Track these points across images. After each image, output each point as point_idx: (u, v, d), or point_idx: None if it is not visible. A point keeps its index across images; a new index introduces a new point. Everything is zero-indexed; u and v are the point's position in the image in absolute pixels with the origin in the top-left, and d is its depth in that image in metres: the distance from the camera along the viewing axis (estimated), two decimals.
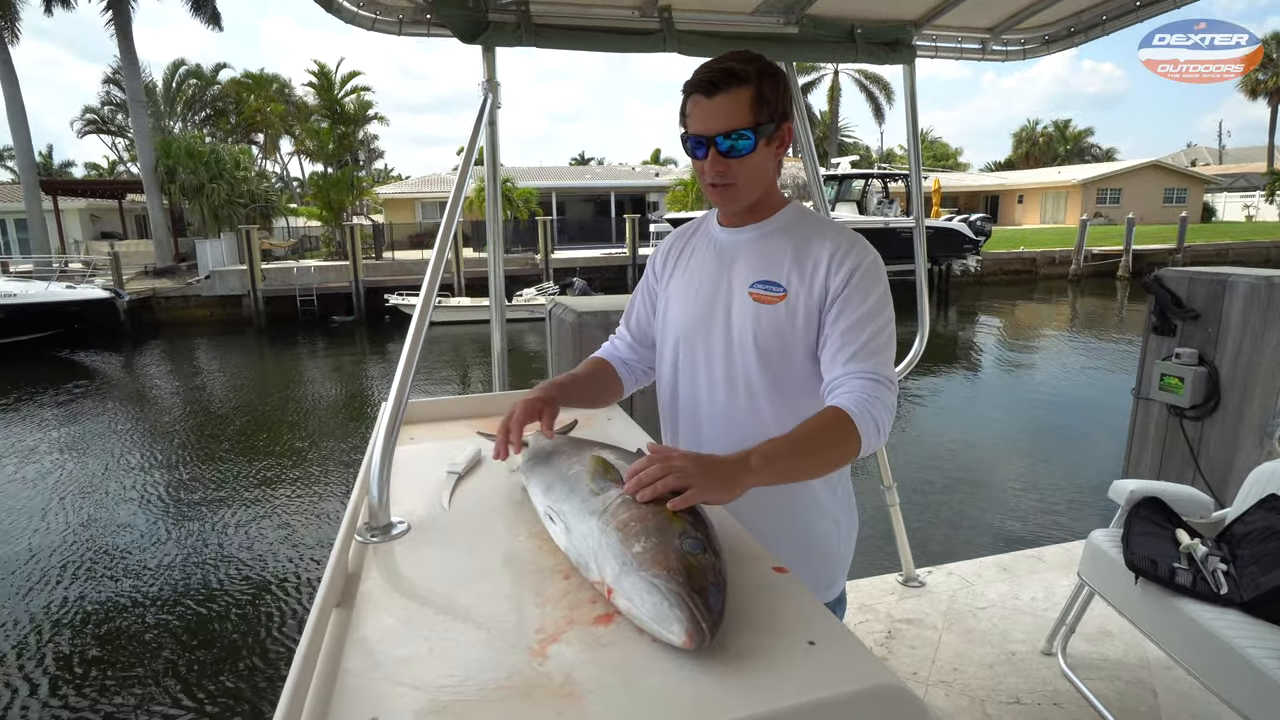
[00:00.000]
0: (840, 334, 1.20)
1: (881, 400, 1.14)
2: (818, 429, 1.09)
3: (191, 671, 4.58)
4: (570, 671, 0.69)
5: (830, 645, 0.72)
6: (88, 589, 5.62)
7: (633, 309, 1.54)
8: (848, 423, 1.09)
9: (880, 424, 1.13)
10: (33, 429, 10.50)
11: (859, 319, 1.19)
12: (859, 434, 1.09)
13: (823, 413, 1.12)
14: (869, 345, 1.18)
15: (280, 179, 38.64)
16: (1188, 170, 42.21)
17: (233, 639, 4.95)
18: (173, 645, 4.88)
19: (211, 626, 5.09)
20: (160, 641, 4.93)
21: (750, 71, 1.16)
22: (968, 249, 22.17)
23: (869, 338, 1.18)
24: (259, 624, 5.15)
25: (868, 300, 1.20)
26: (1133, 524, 2.16)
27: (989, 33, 2.48)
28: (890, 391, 1.16)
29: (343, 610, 0.84)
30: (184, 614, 5.27)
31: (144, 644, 4.90)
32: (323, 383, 14.30)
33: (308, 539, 6.51)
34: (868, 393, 1.13)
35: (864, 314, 1.19)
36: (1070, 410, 10.53)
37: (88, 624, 5.15)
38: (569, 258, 23.34)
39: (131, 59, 23.46)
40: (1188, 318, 3.30)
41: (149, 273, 22.56)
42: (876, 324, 1.20)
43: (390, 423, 1.11)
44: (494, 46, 1.94)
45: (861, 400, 1.12)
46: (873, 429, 1.11)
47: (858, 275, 1.21)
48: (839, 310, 1.21)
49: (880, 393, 1.14)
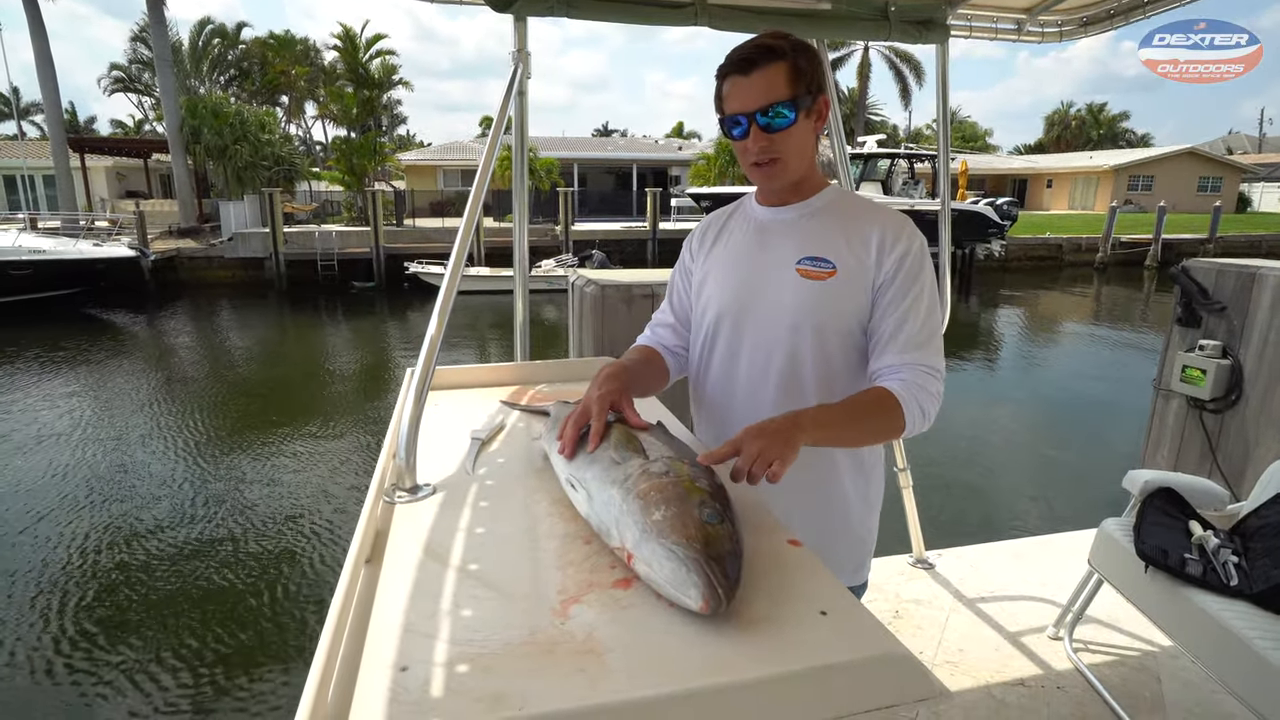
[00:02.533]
0: (891, 321, 1.22)
1: (928, 389, 1.17)
2: (867, 404, 1.14)
3: (220, 624, 4.72)
4: (591, 630, 0.72)
5: (841, 615, 0.75)
6: (110, 546, 5.78)
7: (673, 292, 1.52)
8: (894, 404, 1.13)
9: (925, 411, 1.17)
10: (62, 384, 10.73)
11: (910, 307, 1.21)
12: (904, 416, 1.13)
13: (872, 390, 1.16)
14: (919, 334, 1.21)
15: (304, 142, 38.70)
16: (1224, 158, 41.15)
17: (260, 594, 5.08)
18: (199, 600, 5.03)
19: (238, 581, 5.23)
20: (186, 596, 5.08)
21: (784, 45, 1.17)
22: (992, 233, 21.85)
23: (919, 326, 1.21)
24: (285, 578, 5.28)
25: (917, 286, 1.22)
26: (1145, 514, 2.16)
27: (1025, 13, 2.43)
28: (938, 381, 1.19)
29: (372, 567, 0.87)
30: (210, 569, 5.41)
31: (172, 597, 5.05)
32: (343, 347, 14.45)
33: (331, 497, 6.65)
34: (916, 380, 1.17)
35: (914, 301, 1.22)
36: (1088, 399, 10.44)
37: (111, 579, 5.30)
38: (589, 230, 23.24)
39: (159, 17, 23.44)
40: (1213, 310, 3.26)
41: (173, 233, 22.76)
42: (924, 310, 1.22)
43: (419, 388, 1.14)
44: (526, 16, 1.94)
45: (910, 386, 1.16)
46: (918, 414, 1.15)
47: (909, 261, 1.22)
48: (891, 297, 1.22)
49: (929, 382, 1.18)
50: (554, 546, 0.90)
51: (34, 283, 15.86)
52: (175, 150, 23.41)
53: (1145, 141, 53.83)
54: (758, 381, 1.32)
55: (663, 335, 1.51)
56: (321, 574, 5.31)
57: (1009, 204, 23.56)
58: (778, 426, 1.00)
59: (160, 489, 6.86)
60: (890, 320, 1.21)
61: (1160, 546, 2.01)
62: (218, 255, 20.31)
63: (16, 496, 6.63)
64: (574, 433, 1.06)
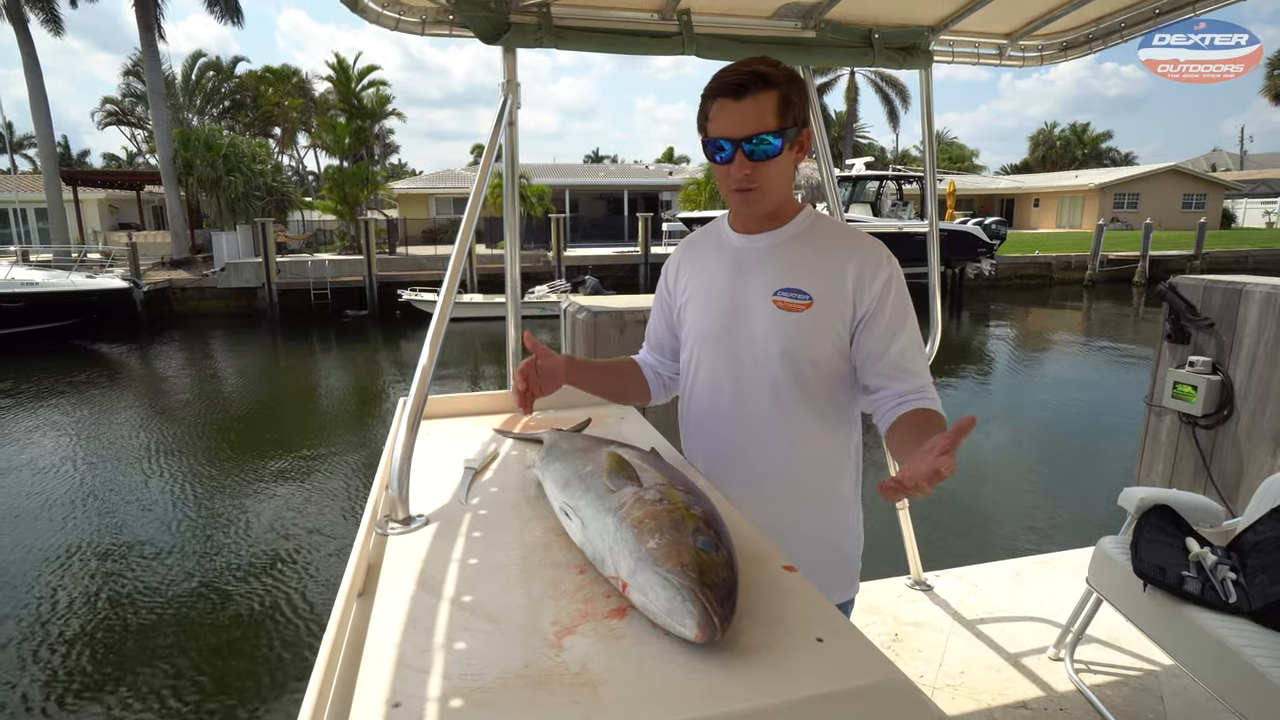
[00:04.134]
0: (892, 351, 1.25)
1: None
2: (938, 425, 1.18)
3: (212, 658, 4.65)
4: (586, 662, 0.71)
5: (838, 642, 0.75)
6: (105, 577, 5.70)
7: (652, 329, 1.55)
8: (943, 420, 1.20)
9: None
10: (54, 416, 10.65)
11: (908, 336, 1.26)
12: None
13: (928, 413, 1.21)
14: (918, 360, 1.26)
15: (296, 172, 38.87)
16: (1208, 175, 41.77)
17: (251, 627, 5.01)
18: (191, 633, 4.95)
19: (229, 615, 5.16)
20: (178, 629, 5.00)
21: (778, 75, 1.18)
22: (982, 252, 22.03)
23: (918, 354, 1.27)
24: (276, 612, 5.21)
25: (906, 313, 1.26)
26: (1142, 531, 2.16)
27: (1007, 38, 2.48)
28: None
29: (365, 600, 0.86)
30: (202, 602, 5.34)
31: (163, 631, 4.98)
32: (336, 376, 14.41)
33: (322, 529, 6.58)
34: (937, 399, 1.24)
35: (910, 329, 1.26)
36: (1081, 417, 10.47)
37: (106, 612, 5.22)
38: (581, 255, 23.35)
39: (153, 51, 23.65)
40: (1202, 326, 3.29)
41: (165, 264, 22.77)
42: (916, 336, 1.28)
43: (411, 418, 1.14)
44: (515, 47, 1.97)
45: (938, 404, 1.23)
46: None
47: (893, 288, 1.25)
48: (886, 327, 1.25)
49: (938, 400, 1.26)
50: (548, 576, 0.89)
51: (27, 315, 15.81)
52: (168, 182, 23.49)
53: (1129, 160, 54.59)
54: (743, 406, 1.34)
55: (648, 358, 1.57)
56: (313, 607, 5.24)
57: (997, 223, 23.79)
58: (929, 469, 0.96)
59: (150, 521, 6.78)
60: (894, 349, 1.24)
61: (1158, 564, 2.01)
62: (210, 285, 20.30)
63: (7, 526, 6.54)
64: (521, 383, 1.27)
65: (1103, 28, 2.36)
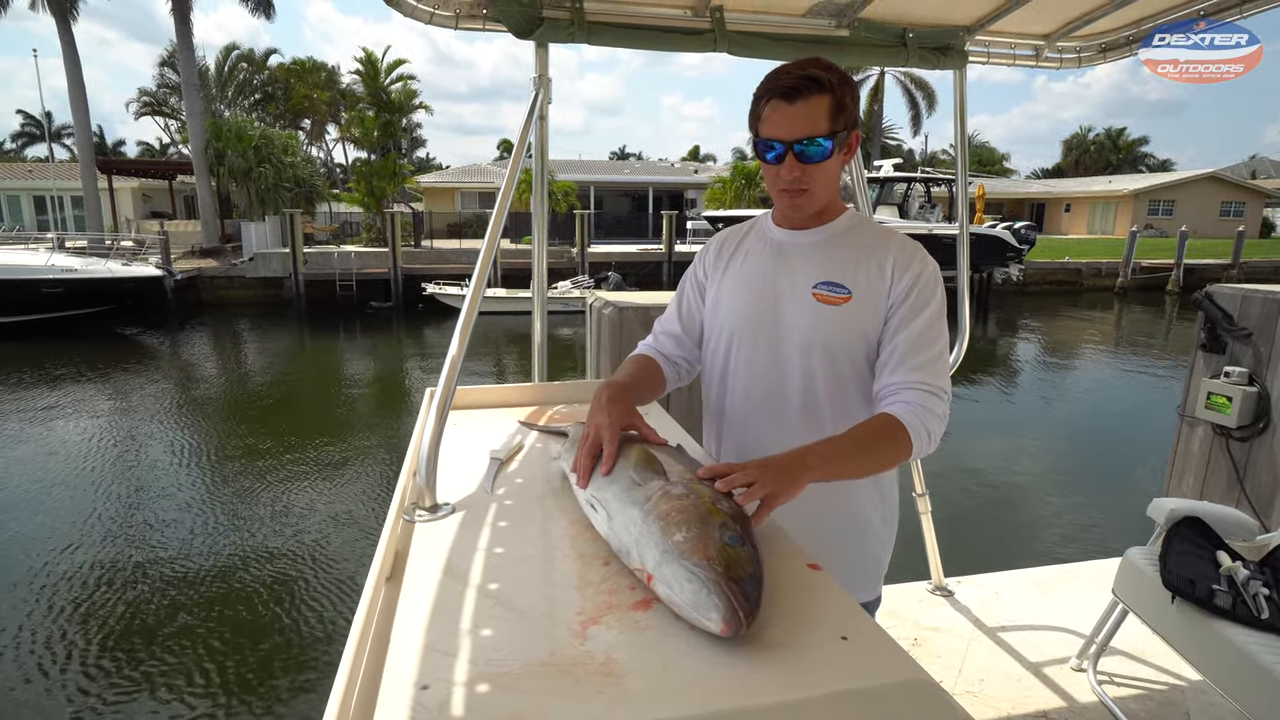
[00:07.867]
0: (898, 343, 1.23)
1: (933, 411, 1.17)
2: (871, 433, 1.13)
3: (243, 641, 4.73)
4: (610, 652, 0.71)
5: (862, 640, 0.74)
6: (135, 560, 5.83)
7: (681, 302, 1.52)
8: (901, 429, 1.13)
9: (931, 432, 1.16)
10: (92, 400, 10.90)
11: (918, 330, 1.22)
12: (910, 440, 1.13)
13: (877, 418, 1.16)
14: (925, 355, 1.21)
15: (324, 165, 39.33)
16: (1247, 183, 40.76)
17: (281, 611, 5.09)
18: (223, 613, 5.05)
19: (259, 598, 5.25)
20: (210, 608, 5.10)
21: (832, 79, 1.18)
22: (1010, 257, 21.71)
23: (925, 348, 1.22)
24: (306, 596, 5.30)
25: (926, 310, 1.23)
26: (1171, 543, 2.12)
27: (1044, 39, 2.45)
28: (943, 402, 1.19)
29: (393, 585, 0.88)
30: (232, 585, 5.44)
31: (195, 611, 5.08)
32: (360, 366, 14.58)
33: (351, 515, 6.67)
34: (921, 402, 1.17)
35: (923, 325, 1.22)
36: (1110, 426, 10.29)
37: (139, 590, 5.34)
38: (605, 251, 23.39)
39: (188, 43, 24.05)
40: (1239, 336, 3.22)
41: (195, 253, 23.19)
42: (932, 334, 1.23)
43: (440, 408, 1.15)
44: (547, 42, 1.97)
45: (915, 409, 1.15)
46: (924, 436, 1.15)
47: (920, 285, 1.24)
48: (900, 319, 1.23)
49: (933, 403, 1.17)
50: (573, 567, 0.90)
51: (64, 301, 16.17)
52: (200, 172, 23.88)
53: (1165, 166, 53.50)
54: (775, 399, 1.33)
55: (665, 344, 1.51)
56: (342, 591, 5.31)
57: (1027, 228, 23.41)
58: (785, 464, 0.99)
59: (181, 505, 6.92)
60: (899, 339, 1.23)
61: (1187, 576, 1.97)
62: (238, 275, 20.63)
63: (39, 511, 6.71)
64: (588, 461, 1.04)
65: (1143, 30, 2.32)
